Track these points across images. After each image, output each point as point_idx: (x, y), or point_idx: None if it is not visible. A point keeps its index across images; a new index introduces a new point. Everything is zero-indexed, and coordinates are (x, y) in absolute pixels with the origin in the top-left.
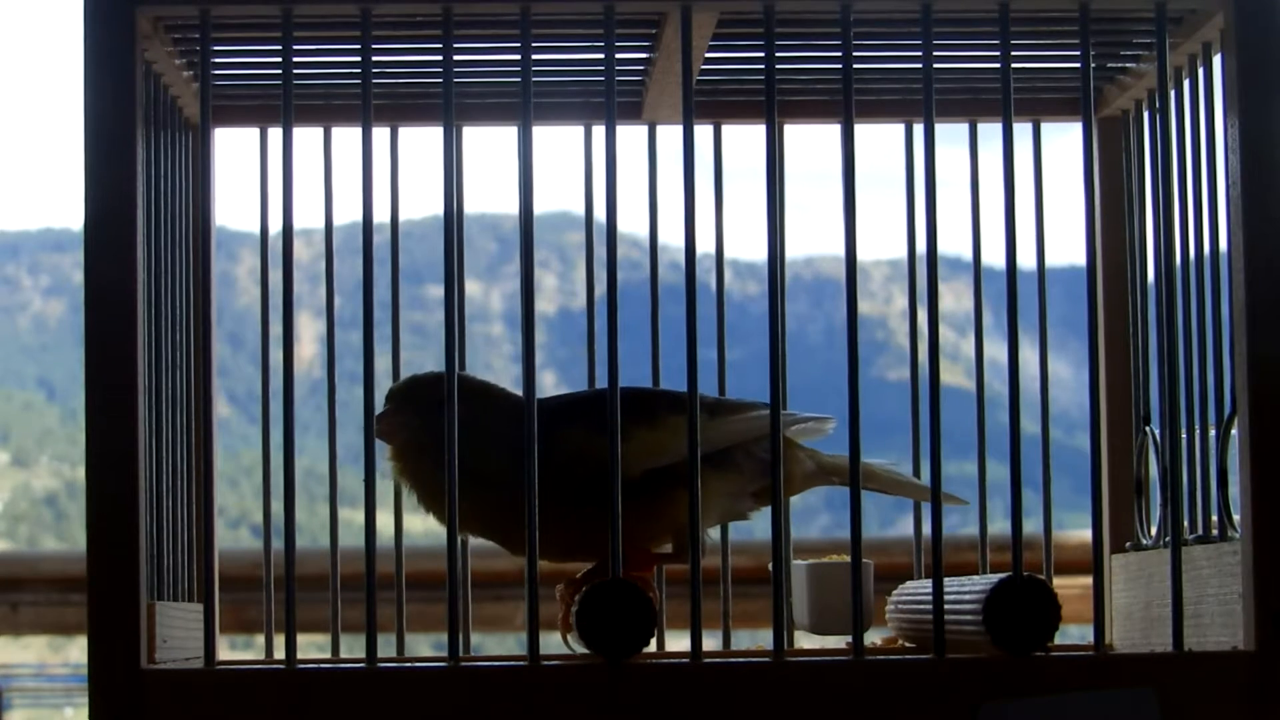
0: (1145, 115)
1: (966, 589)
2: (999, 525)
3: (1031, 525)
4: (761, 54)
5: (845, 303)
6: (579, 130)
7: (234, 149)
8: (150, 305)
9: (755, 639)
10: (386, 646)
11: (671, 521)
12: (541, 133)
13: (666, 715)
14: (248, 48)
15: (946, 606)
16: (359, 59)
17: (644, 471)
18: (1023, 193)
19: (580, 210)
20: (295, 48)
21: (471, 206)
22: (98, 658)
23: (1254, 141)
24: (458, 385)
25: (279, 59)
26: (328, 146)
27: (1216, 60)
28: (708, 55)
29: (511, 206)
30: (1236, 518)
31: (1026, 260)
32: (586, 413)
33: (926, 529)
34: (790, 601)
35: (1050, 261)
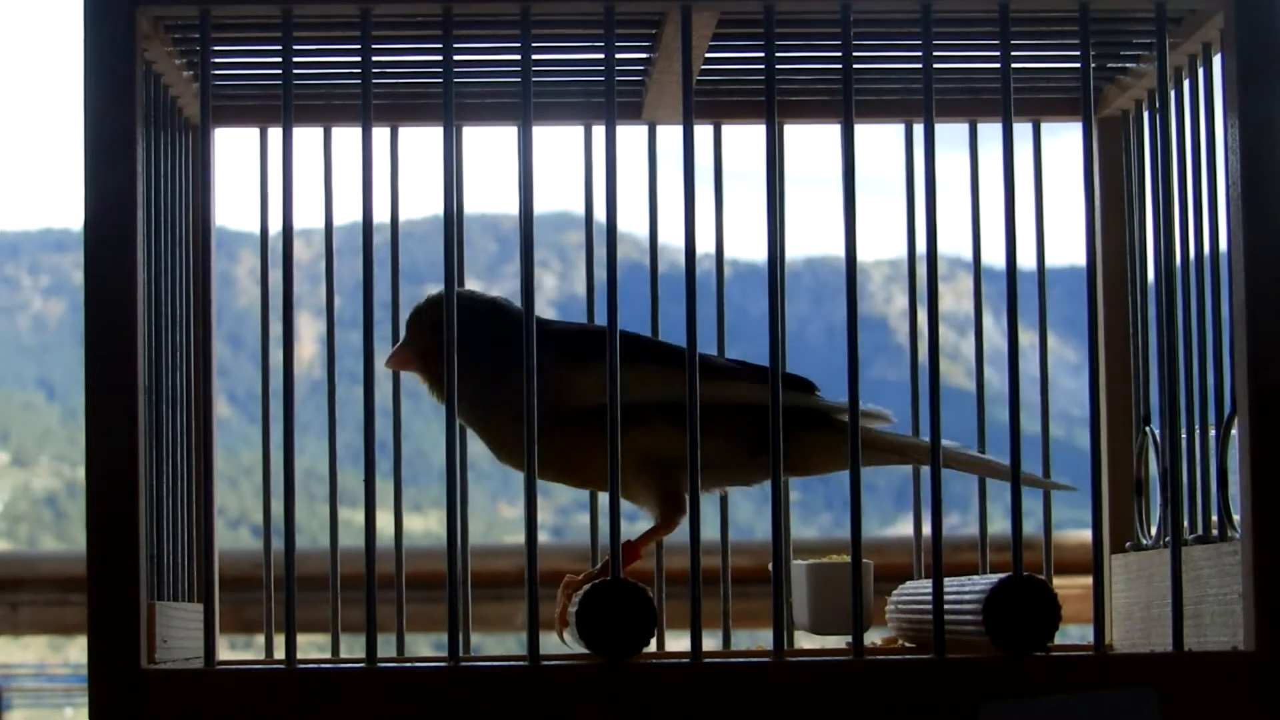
0: (1145, 115)
1: (966, 589)
2: (999, 525)
3: (1031, 525)
4: (761, 54)
5: (845, 303)
6: (579, 130)
7: (234, 149)
8: (150, 305)
9: (755, 639)
10: (386, 646)
11: (627, 459)
12: (541, 133)
13: (666, 715)
14: (248, 48)
15: (946, 606)
16: (359, 59)
17: (599, 405)
18: (1023, 193)
19: (580, 210)
20: (295, 48)
21: (471, 206)
22: (98, 658)
23: (1254, 141)
24: (474, 297)
25: (279, 59)
26: (328, 146)
27: (1216, 60)
28: (708, 55)
29: (511, 206)
30: (1236, 518)
31: (1027, 260)
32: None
33: (927, 529)
34: (790, 601)
35: (1050, 261)
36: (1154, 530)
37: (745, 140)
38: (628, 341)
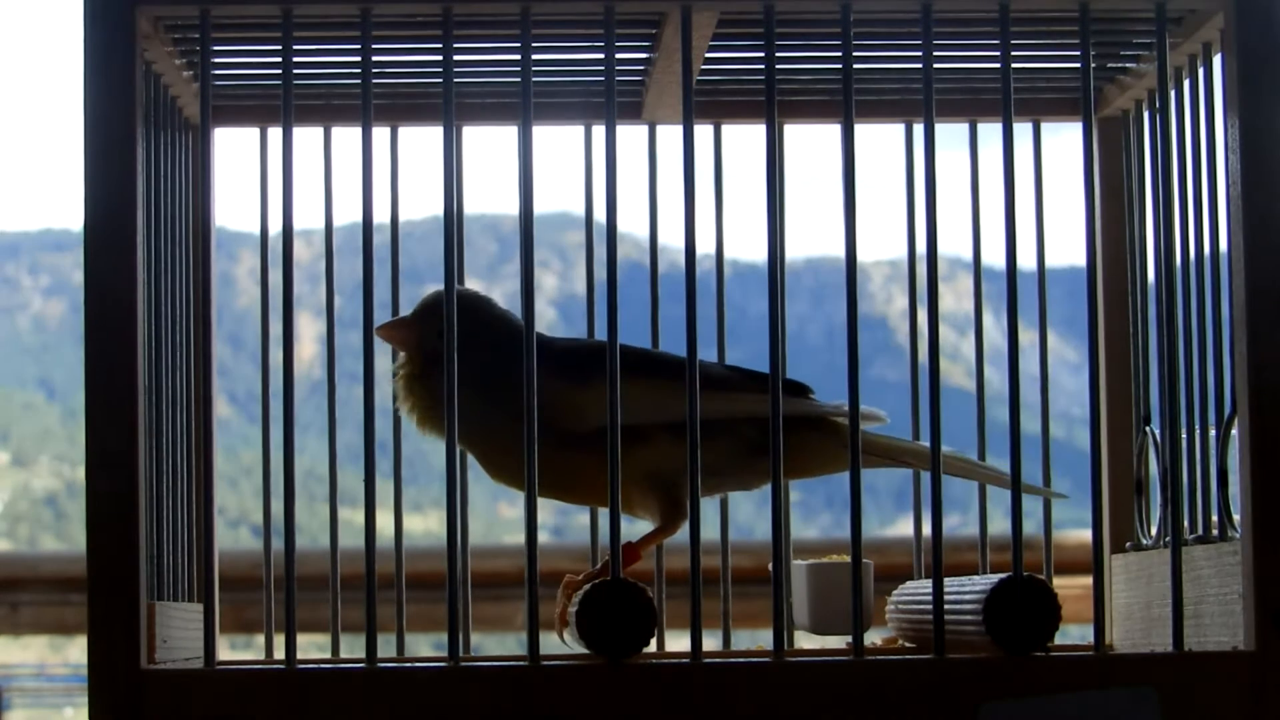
0: (1145, 115)
1: (966, 589)
2: (999, 525)
3: (1031, 525)
4: (761, 54)
5: (845, 303)
6: (579, 130)
7: (234, 149)
8: (150, 305)
9: (755, 639)
10: (386, 646)
11: (630, 474)
12: (541, 133)
13: (666, 715)
14: (248, 48)
15: (946, 606)
16: (359, 59)
17: (596, 428)
18: (1023, 193)
19: (580, 210)
20: (295, 48)
21: (471, 206)
22: (98, 658)
23: (1254, 141)
24: (482, 306)
25: (279, 59)
26: (328, 146)
27: (1216, 60)
28: (708, 55)
29: (511, 206)
30: (1236, 518)
31: (1027, 260)
32: (561, 361)
33: (927, 529)
34: (790, 601)
35: (1050, 261)
36: (1154, 530)
37: (745, 140)
38: (625, 357)
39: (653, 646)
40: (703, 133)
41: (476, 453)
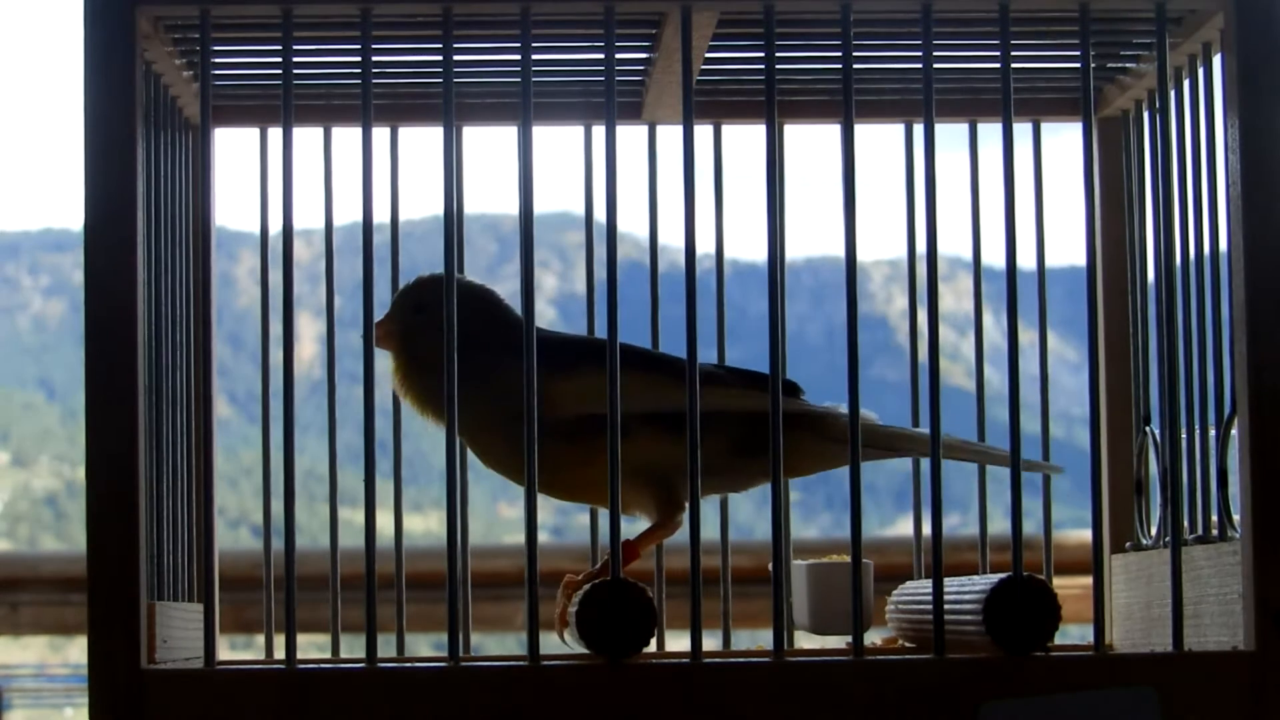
0: (1145, 115)
1: (966, 589)
2: (999, 525)
3: (1031, 525)
4: (761, 54)
5: (845, 303)
6: (579, 130)
7: (234, 149)
8: (150, 305)
9: (755, 639)
10: (386, 646)
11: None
12: (541, 133)
13: (666, 715)
14: (248, 48)
15: (946, 606)
16: (359, 59)
17: (581, 415)
18: (1023, 193)
19: (580, 210)
20: (295, 48)
21: (471, 206)
22: (98, 658)
23: (1254, 141)
24: (473, 293)
25: (279, 59)
26: (328, 146)
27: (1216, 60)
28: (708, 55)
29: (511, 206)
30: (1236, 518)
31: (1027, 260)
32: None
33: (927, 529)
34: (790, 601)
35: (1050, 261)
36: (1154, 530)
37: (745, 140)
38: (601, 349)
39: (653, 646)
40: (703, 133)
41: (465, 437)
